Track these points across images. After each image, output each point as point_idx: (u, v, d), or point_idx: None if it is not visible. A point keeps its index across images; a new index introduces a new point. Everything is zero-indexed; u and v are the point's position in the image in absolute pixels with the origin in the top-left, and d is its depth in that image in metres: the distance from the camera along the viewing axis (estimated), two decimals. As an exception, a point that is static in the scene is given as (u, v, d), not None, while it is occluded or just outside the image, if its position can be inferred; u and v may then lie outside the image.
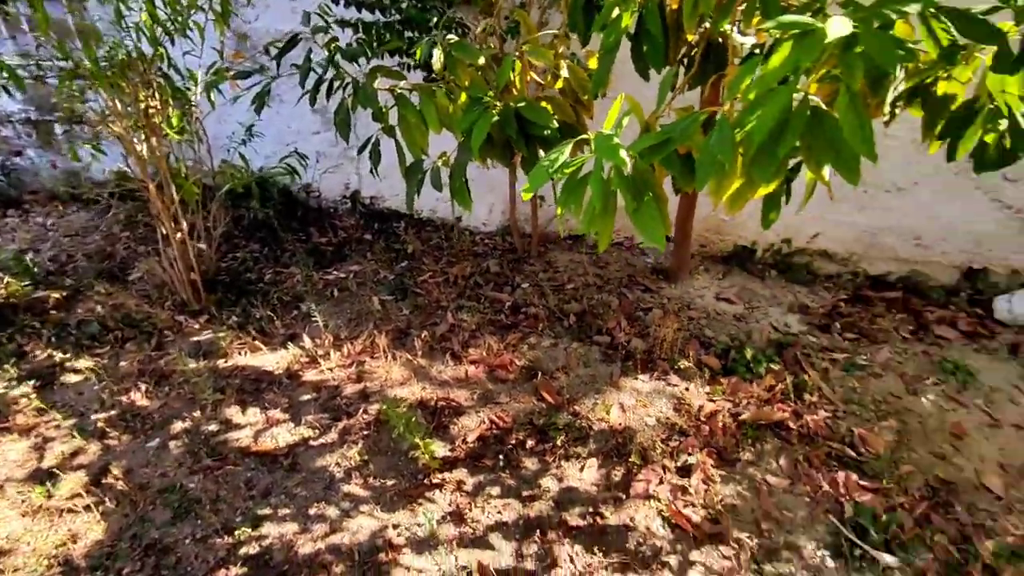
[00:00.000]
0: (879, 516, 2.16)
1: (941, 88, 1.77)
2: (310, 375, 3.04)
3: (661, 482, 2.36)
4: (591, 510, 2.26)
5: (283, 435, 2.68)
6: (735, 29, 1.84)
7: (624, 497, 2.30)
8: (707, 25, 1.85)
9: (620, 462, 2.46)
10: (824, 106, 1.39)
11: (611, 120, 1.54)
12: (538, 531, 2.17)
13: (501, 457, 2.50)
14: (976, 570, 1.98)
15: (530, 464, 2.48)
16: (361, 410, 2.76)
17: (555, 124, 2.08)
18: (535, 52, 2.20)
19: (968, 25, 1.33)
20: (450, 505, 2.29)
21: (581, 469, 2.44)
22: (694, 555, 2.10)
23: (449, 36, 2.24)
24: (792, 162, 1.91)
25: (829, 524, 2.19)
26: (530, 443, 2.57)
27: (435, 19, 2.79)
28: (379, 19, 3.21)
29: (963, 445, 2.51)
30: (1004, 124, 1.68)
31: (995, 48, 1.50)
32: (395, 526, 2.22)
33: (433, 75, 3.32)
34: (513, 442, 2.57)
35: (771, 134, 1.31)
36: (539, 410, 2.73)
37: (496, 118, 2.03)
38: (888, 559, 2.04)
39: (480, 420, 2.70)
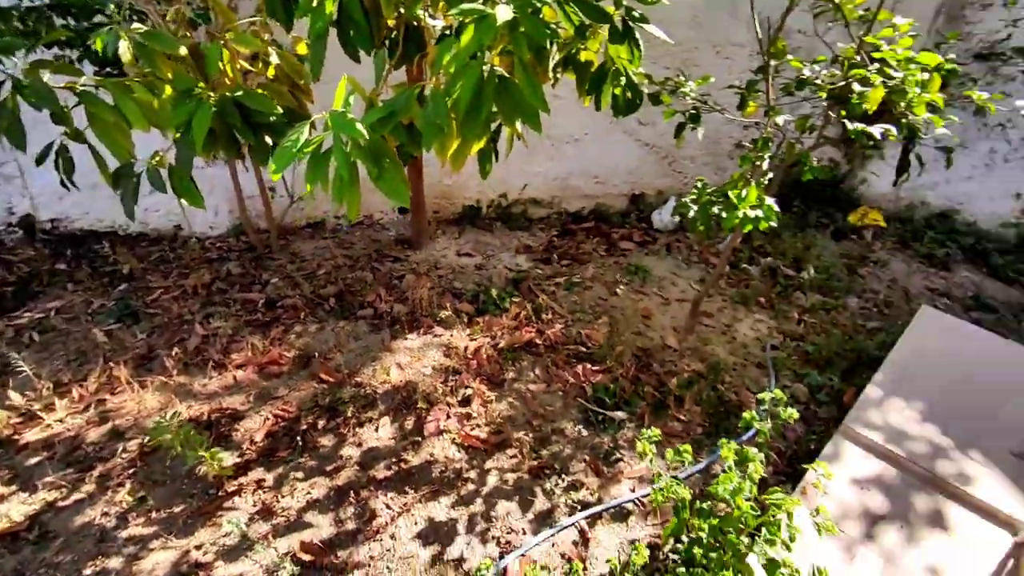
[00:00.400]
0: (609, 387, 2.84)
1: (583, 56, 2.34)
2: (32, 434, 2.55)
3: (448, 417, 2.68)
4: (395, 460, 2.46)
5: (16, 509, 2.24)
6: (427, 14, 2.13)
7: (420, 439, 2.56)
8: (402, 10, 2.10)
9: (410, 412, 2.70)
10: (507, 75, 1.76)
11: (339, 99, 1.69)
12: (351, 494, 2.30)
13: (296, 445, 2.52)
14: (670, 401, 2.78)
15: (327, 441, 2.55)
16: (120, 450, 2.46)
17: (280, 110, 2.13)
18: (241, 39, 2.18)
19: (588, 9, 1.83)
20: (255, 505, 2.26)
21: (376, 429, 2.61)
22: (488, 464, 2.48)
23: (136, 25, 2.07)
24: (493, 126, 2.33)
25: (579, 405, 2.79)
26: (321, 423, 2.64)
27: (110, 5, 2.48)
28: (19, 3, 2.71)
29: (651, 322, 3.40)
30: (624, 81, 2.32)
31: (608, 26, 2.07)
32: (198, 546, 2.11)
33: (111, 69, 2.96)
34: (304, 427, 2.60)
35: (473, 99, 1.64)
36: (322, 391, 2.80)
37: (215, 109, 1.98)
38: (619, 415, 2.72)
39: (264, 418, 2.65)
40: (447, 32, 2.19)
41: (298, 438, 2.54)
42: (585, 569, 2.07)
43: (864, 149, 3.69)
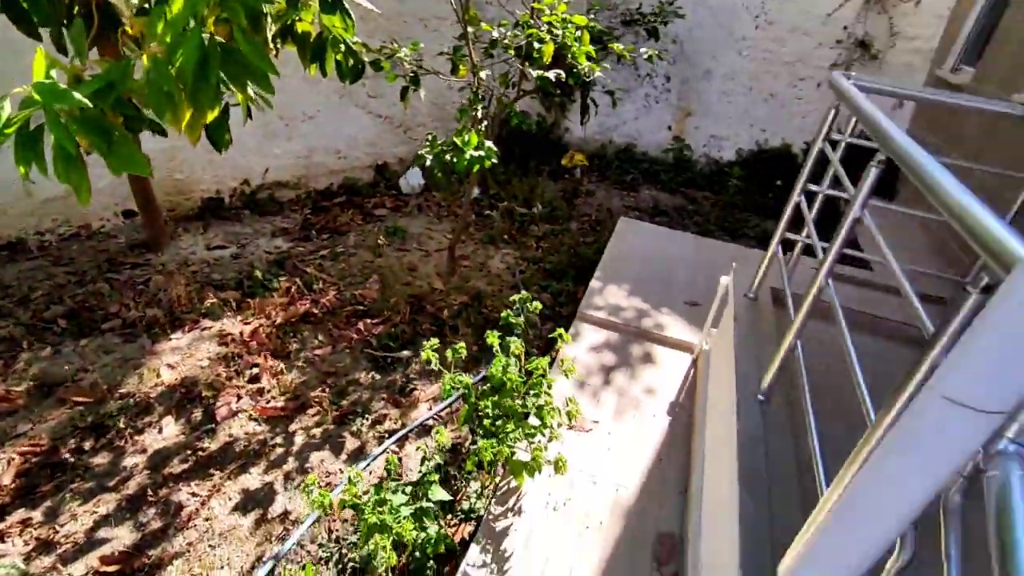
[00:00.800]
0: (391, 333, 3.10)
1: (300, 27, 2.47)
2: None
3: (240, 398, 2.66)
4: (190, 452, 2.39)
5: None
6: (118, -15, 2.03)
7: (215, 425, 2.51)
8: (88, -18, 1.97)
9: (195, 405, 2.60)
10: (227, 42, 1.84)
11: (39, 72, 1.57)
12: (148, 497, 2.19)
13: (61, 474, 2.26)
14: (447, 331, 3.17)
15: (101, 459, 2.34)
16: None
17: (-53, 96, 1.84)
18: None
19: (293, -21, 1.98)
20: (27, 544, 2.00)
21: (160, 431, 2.47)
22: (293, 427, 2.56)
23: None
24: (224, 103, 2.33)
25: (367, 356, 3.00)
26: (89, 444, 2.39)
27: None
28: None
29: (417, 272, 3.73)
30: (344, 48, 2.53)
31: (318, -4, 2.25)
32: (-38, 609, 1.82)
33: None
34: (68, 453, 2.34)
35: (199, 66, 1.70)
36: (79, 413, 2.51)
37: None
38: (405, 353, 3.01)
39: (7, 460, 2.30)
40: (146, 5, 2.14)
41: (62, 467, 2.28)
42: (400, 474, 2.34)
43: (555, 98, 4.48)
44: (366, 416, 2.64)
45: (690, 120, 6.00)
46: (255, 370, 2.80)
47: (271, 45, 2.37)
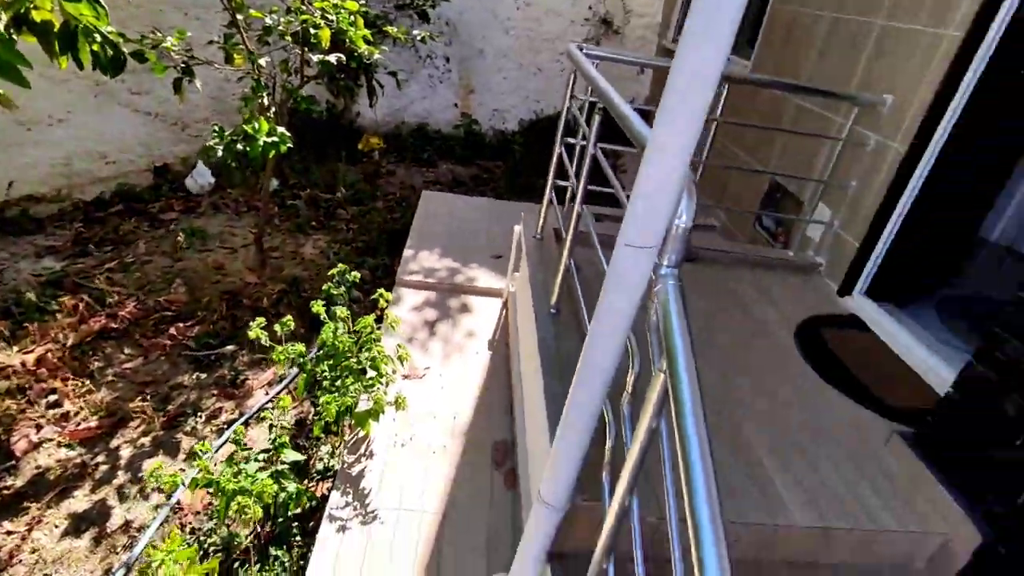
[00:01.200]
0: (210, 332, 3.03)
1: (37, 16, 2.27)
2: None
3: (40, 428, 2.43)
4: (-8, 494, 2.16)
5: None
6: None
7: (16, 461, 2.28)
8: None
9: (-16, 447, 2.33)
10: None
11: None
12: (-51, 550, 1.96)
13: None
14: (270, 317, 3.17)
15: None
16: None
17: None
18: None
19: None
20: None
21: (-55, 483, 2.18)
22: (115, 442, 2.43)
23: None
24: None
25: (187, 358, 2.90)
26: None
27: None
28: None
29: (226, 270, 3.61)
30: (100, 38, 2.39)
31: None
32: None
33: None
34: None
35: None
36: None
37: None
38: (229, 348, 2.98)
39: None
40: None
41: None
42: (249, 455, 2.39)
43: (340, 82, 4.53)
44: (199, 414, 2.60)
45: (473, 97, 6.45)
46: (54, 396, 2.56)
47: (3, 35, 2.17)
